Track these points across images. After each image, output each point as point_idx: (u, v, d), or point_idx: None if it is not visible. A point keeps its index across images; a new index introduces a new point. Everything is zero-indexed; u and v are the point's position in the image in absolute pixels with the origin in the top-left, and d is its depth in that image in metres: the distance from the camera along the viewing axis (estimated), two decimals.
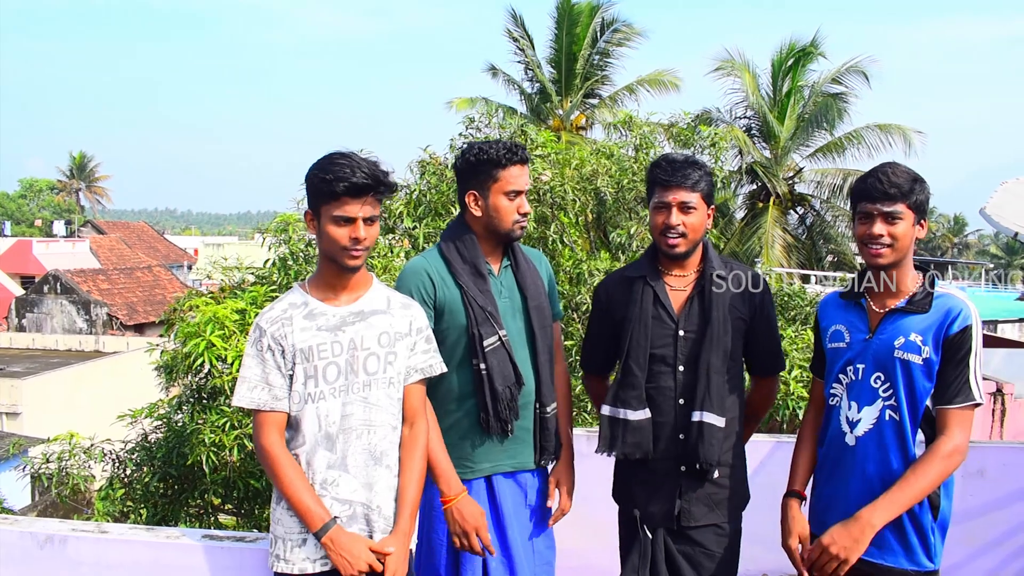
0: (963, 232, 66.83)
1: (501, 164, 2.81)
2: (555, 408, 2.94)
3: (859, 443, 2.59)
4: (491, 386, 2.77)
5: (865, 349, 2.60)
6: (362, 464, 2.48)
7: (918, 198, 2.52)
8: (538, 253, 3.09)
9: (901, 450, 2.52)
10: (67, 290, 29.28)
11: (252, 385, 2.44)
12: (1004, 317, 18.62)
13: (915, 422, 2.52)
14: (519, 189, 2.83)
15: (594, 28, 21.81)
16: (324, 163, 2.40)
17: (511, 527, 2.84)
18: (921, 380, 2.50)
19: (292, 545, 2.45)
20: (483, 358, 2.77)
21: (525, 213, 2.85)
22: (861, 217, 2.57)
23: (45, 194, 65.95)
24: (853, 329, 2.66)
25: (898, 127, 20.34)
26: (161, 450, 6.42)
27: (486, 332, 2.78)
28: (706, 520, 2.79)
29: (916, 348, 2.50)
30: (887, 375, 2.54)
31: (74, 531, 2.91)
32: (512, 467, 2.89)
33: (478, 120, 8.63)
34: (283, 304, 2.51)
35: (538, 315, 2.92)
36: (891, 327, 2.56)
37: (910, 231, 2.53)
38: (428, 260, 2.89)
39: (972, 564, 4.04)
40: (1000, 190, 7.21)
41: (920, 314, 2.52)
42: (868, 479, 2.55)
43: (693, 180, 2.78)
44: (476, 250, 2.87)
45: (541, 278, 2.99)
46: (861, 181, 2.59)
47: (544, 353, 2.91)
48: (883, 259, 2.53)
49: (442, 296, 2.82)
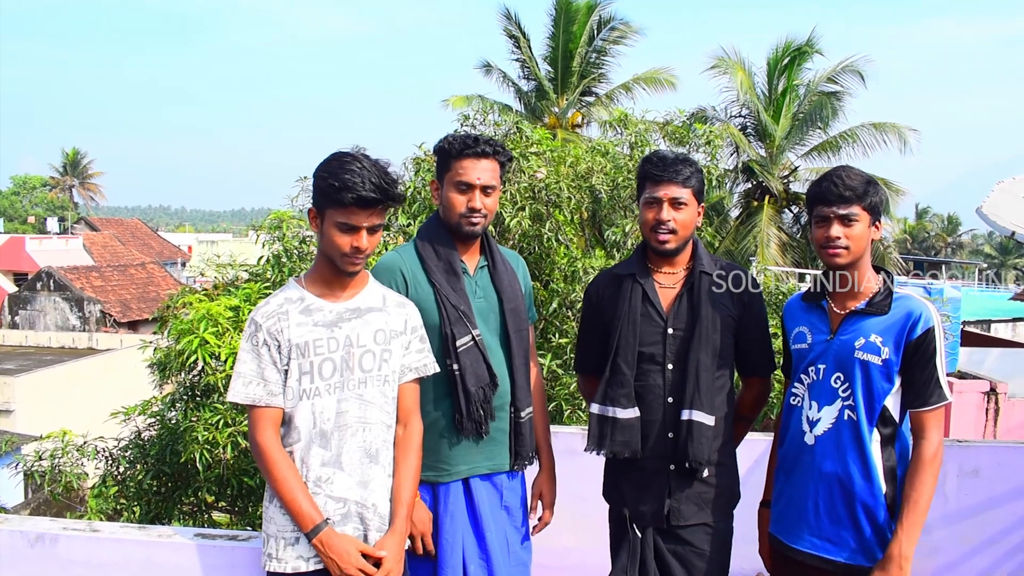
0: (957, 232, 66.98)
1: (453, 154, 2.77)
2: (530, 413, 2.91)
3: (818, 442, 2.63)
4: (464, 386, 2.73)
5: (826, 350, 2.64)
6: (357, 462, 2.47)
7: (872, 200, 2.57)
8: (515, 255, 3.04)
9: (858, 450, 2.55)
10: (60, 287, 29.20)
11: (247, 380, 2.42)
12: (998, 317, 18.65)
13: (872, 422, 2.55)
14: (469, 182, 2.75)
15: (591, 26, 21.80)
16: (334, 167, 2.36)
17: (488, 529, 2.82)
18: (879, 381, 2.54)
19: (285, 544, 2.43)
20: (456, 358, 2.73)
21: (475, 209, 2.76)
22: (818, 220, 2.62)
23: (38, 191, 65.73)
24: (815, 330, 2.70)
25: (893, 125, 20.34)
26: (154, 448, 6.41)
27: (459, 332, 2.73)
28: (696, 519, 2.79)
29: (876, 349, 2.54)
30: (847, 375, 2.58)
31: (65, 530, 2.89)
32: (489, 469, 2.86)
33: (473, 117, 8.61)
34: (279, 299, 2.48)
35: (514, 317, 2.87)
36: (852, 328, 2.60)
37: (866, 232, 2.58)
38: (402, 256, 2.83)
39: (967, 563, 4.05)
40: (996, 189, 7.22)
41: (880, 315, 2.57)
42: (825, 478, 2.60)
43: (684, 176, 2.77)
44: (451, 247, 2.82)
45: (518, 280, 2.95)
46: (816, 185, 2.63)
47: (519, 356, 2.88)
48: (841, 259, 2.57)
49: (414, 294, 2.76)
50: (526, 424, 2.89)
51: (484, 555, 2.80)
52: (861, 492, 2.54)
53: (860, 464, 2.55)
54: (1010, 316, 18.74)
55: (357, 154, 2.39)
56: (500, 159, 2.82)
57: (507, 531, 2.89)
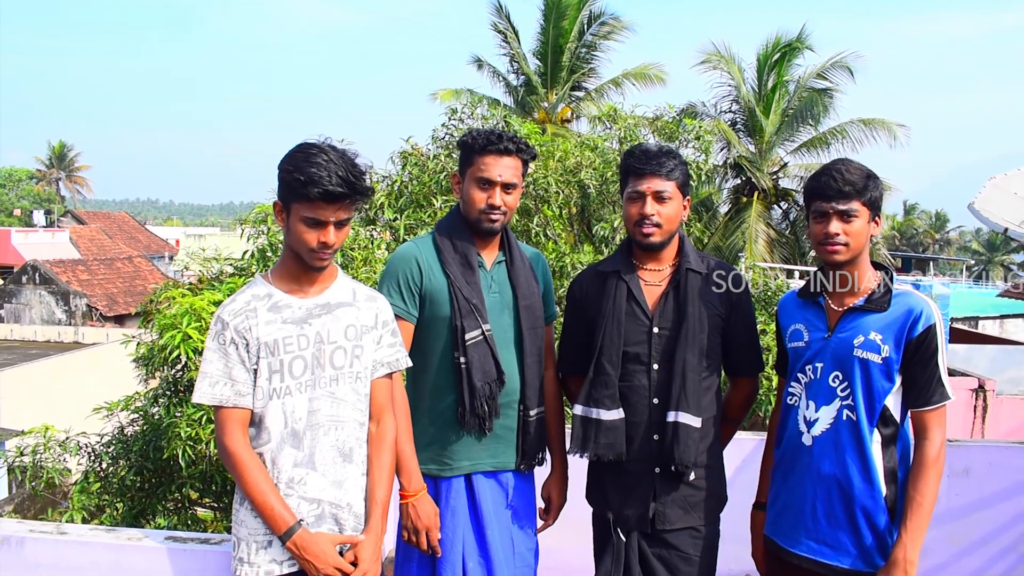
0: (945, 228, 67.26)
1: (476, 149, 2.75)
2: (540, 412, 2.87)
3: (815, 443, 2.55)
4: (469, 380, 2.70)
5: (824, 348, 2.56)
6: (330, 461, 2.40)
7: (872, 195, 2.48)
8: (537, 253, 3.01)
9: (857, 451, 2.48)
10: (46, 280, 28.99)
11: (214, 380, 2.33)
12: (985, 314, 18.76)
13: (872, 422, 2.48)
14: (490, 178, 2.73)
15: (581, 21, 21.77)
16: (300, 160, 2.26)
17: (491, 528, 2.77)
18: (879, 380, 2.46)
19: (257, 547, 2.35)
20: (464, 351, 2.70)
21: (495, 206, 2.74)
22: (816, 216, 2.53)
23: (24, 184, 65.27)
24: (812, 328, 2.62)
25: (882, 121, 20.38)
26: (137, 443, 6.35)
27: (469, 325, 2.70)
28: (682, 523, 2.72)
29: (875, 347, 2.46)
30: (845, 374, 2.50)
31: (32, 532, 2.81)
32: (493, 467, 2.82)
33: (461, 111, 8.57)
34: (246, 296, 2.40)
35: (528, 315, 2.83)
36: (850, 326, 2.52)
37: (865, 228, 2.49)
38: (419, 246, 2.82)
39: (957, 564, 4.02)
40: (988, 185, 7.19)
41: (879, 312, 2.49)
42: (823, 480, 2.52)
43: (668, 168, 2.70)
44: (469, 241, 2.80)
45: (536, 278, 2.91)
46: (815, 179, 2.53)
47: (532, 355, 2.83)
48: (839, 256, 2.49)
49: (428, 284, 2.75)
50: (534, 423, 2.85)
51: (484, 554, 2.75)
52: (861, 495, 2.47)
53: (860, 466, 2.47)
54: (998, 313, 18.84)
55: (323, 145, 2.29)
56: (523, 157, 2.79)
57: (512, 532, 2.84)
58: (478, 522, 2.78)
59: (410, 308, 2.75)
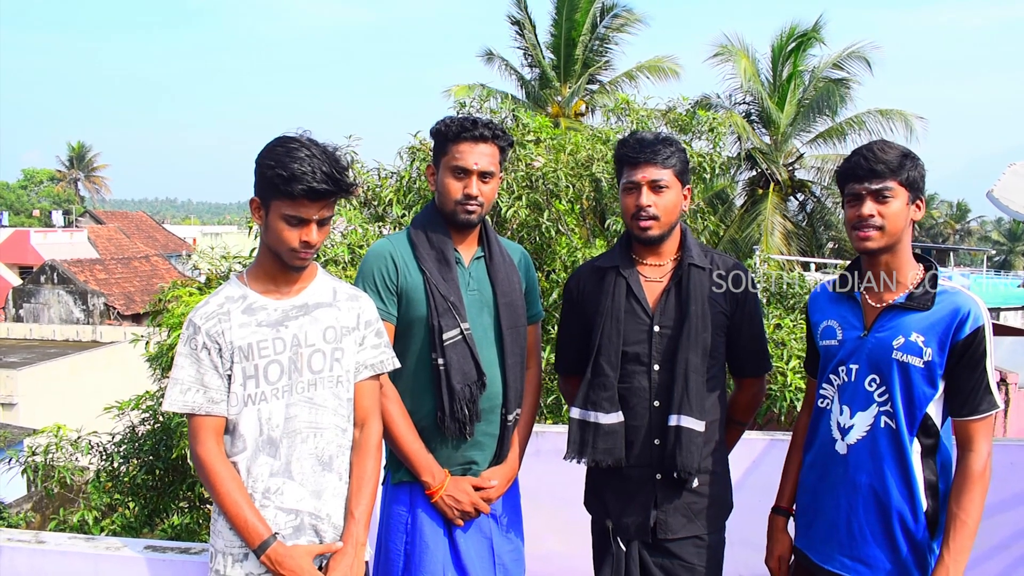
0: (965, 219, 66.55)
1: (450, 137, 2.62)
2: (519, 415, 2.73)
3: (851, 452, 2.36)
4: (448, 383, 2.55)
5: (859, 348, 2.36)
6: (309, 470, 2.28)
7: (910, 174, 2.28)
8: (518, 247, 2.87)
9: (898, 462, 2.28)
10: (64, 280, 29.22)
11: (185, 387, 2.22)
12: (1007, 304, 18.53)
13: (912, 431, 2.28)
14: (466, 167, 2.59)
15: (594, 13, 21.62)
16: (280, 154, 2.15)
17: (465, 540, 2.63)
18: (921, 385, 2.26)
19: (233, 560, 2.25)
20: (442, 352, 2.55)
21: (471, 196, 2.60)
22: (849, 199, 2.35)
23: (45, 184, 65.88)
24: (846, 325, 2.42)
25: (899, 112, 20.11)
26: (148, 442, 6.35)
27: (447, 324, 2.56)
28: (685, 532, 2.57)
29: (917, 350, 2.26)
30: (883, 378, 2.30)
31: (10, 541, 2.75)
32: (463, 471, 2.66)
33: (469, 105, 8.49)
34: (219, 298, 2.28)
35: (508, 313, 2.68)
36: (889, 325, 2.32)
37: (903, 211, 2.29)
38: (393, 243, 2.68)
39: (977, 569, 3.85)
40: (1008, 172, 7.02)
41: (922, 311, 2.28)
42: (859, 492, 2.33)
43: (663, 156, 2.55)
44: (445, 235, 2.65)
45: (517, 274, 2.76)
46: (846, 161, 2.37)
47: (514, 355, 2.68)
48: (872, 242, 2.30)
49: (404, 282, 2.61)
50: (513, 426, 2.71)
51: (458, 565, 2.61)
52: (900, 508, 2.27)
53: (900, 477, 2.28)
54: (1020, 303, 18.59)
55: (304, 139, 2.18)
56: (500, 143, 2.66)
57: (494, 539, 2.70)
58: (451, 533, 2.64)
59: (389, 308, 2.62)
